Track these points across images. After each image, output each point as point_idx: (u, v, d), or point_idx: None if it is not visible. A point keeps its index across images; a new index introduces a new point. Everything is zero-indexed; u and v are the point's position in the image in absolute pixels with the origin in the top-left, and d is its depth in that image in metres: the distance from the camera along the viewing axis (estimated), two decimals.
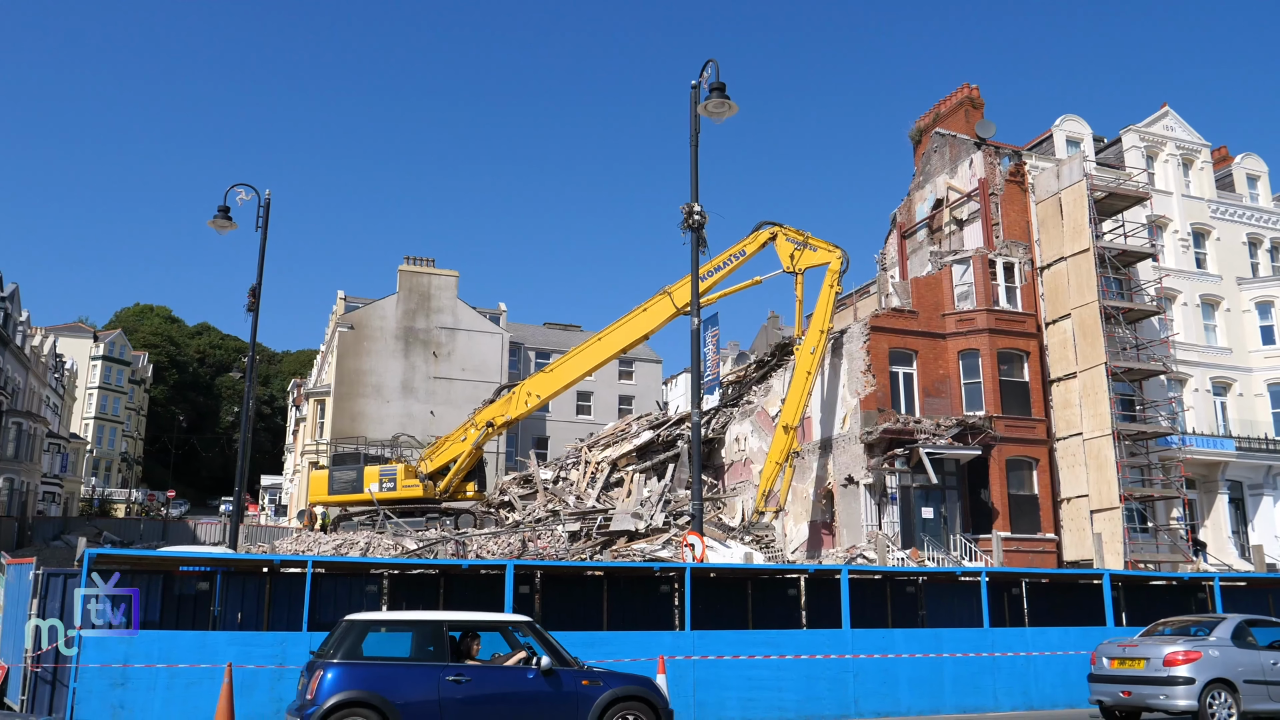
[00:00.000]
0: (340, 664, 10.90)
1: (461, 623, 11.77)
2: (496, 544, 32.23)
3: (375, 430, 55.08)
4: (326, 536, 34.61)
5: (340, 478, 37.27)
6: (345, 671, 10.84)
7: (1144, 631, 16.66)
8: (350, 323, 59.87)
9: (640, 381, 70.81)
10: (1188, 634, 15.72)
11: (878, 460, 31.89)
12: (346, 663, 10.94)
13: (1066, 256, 34.84)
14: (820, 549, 33.35)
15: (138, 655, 13.54)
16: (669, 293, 34.27)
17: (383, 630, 11.55)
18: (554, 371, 36.70)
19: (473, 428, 36.77)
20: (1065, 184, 35.32)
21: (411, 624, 11.55)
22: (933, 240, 39.85)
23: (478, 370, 61.30)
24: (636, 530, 33.07)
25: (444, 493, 36.77)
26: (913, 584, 19.06)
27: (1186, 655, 14.87)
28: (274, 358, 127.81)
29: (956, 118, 39.78)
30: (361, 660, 11.06)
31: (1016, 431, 33.76)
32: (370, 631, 11.38)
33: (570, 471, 40.99)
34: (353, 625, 11.38)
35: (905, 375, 33.77)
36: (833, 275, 33.21)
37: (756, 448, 37.90)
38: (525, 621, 12.14)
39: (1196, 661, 14.81)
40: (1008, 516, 32.69)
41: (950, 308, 34.73)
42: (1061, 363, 34.62)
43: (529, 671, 11.46)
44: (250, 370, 24.96)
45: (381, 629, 11.56)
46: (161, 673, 13.56)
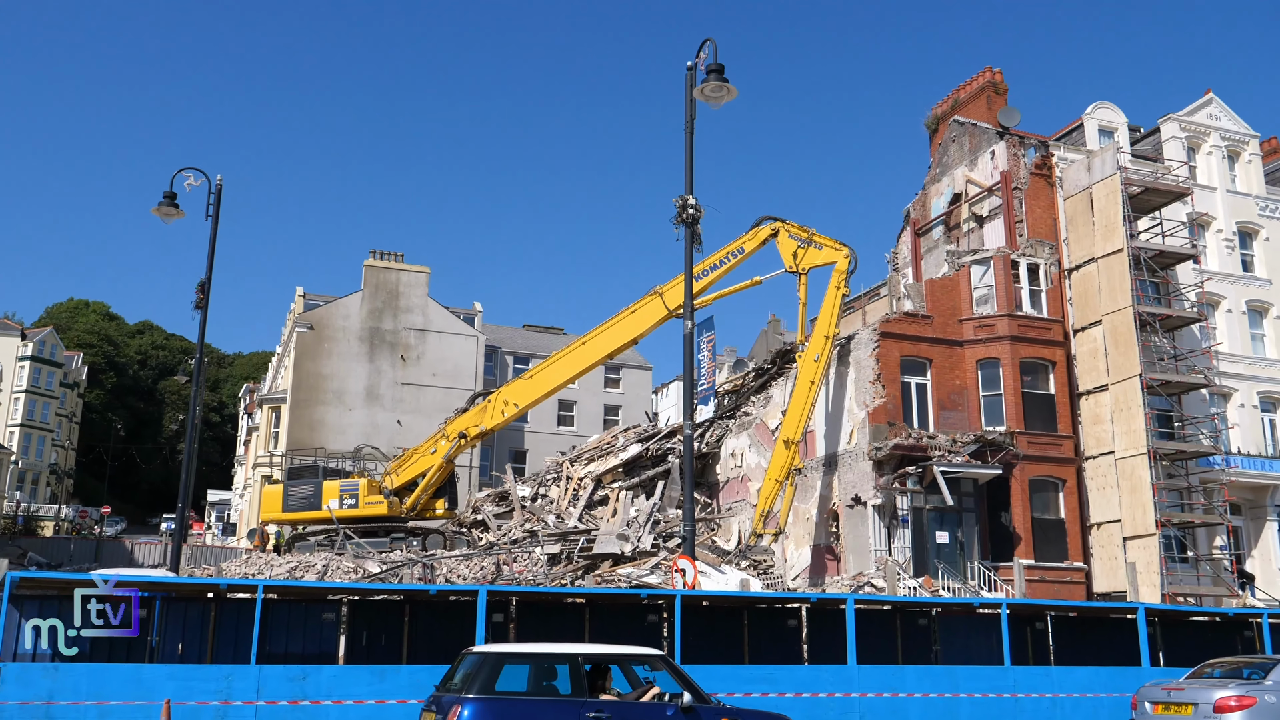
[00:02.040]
0: (478, 699, 11.21)
1: (594, 656, 12.28)
2: (468, 567, 32.13)
3: (336, 441, 54.90)
4: (280, 558, 34.43)
5: (296, 493, 37.10)
6: (484, 707, 11.17)
7: (1191, 673, 16.61)
8: (309, 322, 59.67)
9: (628, 390, 70.70)
10: (1240, 677, 15.64)
11: (887, 479, 31.89)
12: (484, 698, 11.27)
13: (1098, 257, 34.93)
14: (824, 576, 33.32)
15: (64, 691, 13.40)
16: (660, 293, 34.26)
17: (514, 663, 11.97)
18: (533, 378, 36.63)
19: (443, 439, 36.68)
20: (1097, 178, 35.43)
21: (544, 657, 12.07)
22: (949, 238, 39.93)
23: (450, 376, 61.12)
24: (622, 553, 33.02)
25: (411, 511, 36.65)
26: (926, 616, 19.01)
27: (1240, 701, 14.77)
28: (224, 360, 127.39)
29: (977, 104, 39.89)
30: (497, 695, 11.43)
31: (1041, 449, 33.82)
32: (505, 664, 11.79)
33: (550, 488, 40.90)
34: (485, 658, 11.78)
35: (918, 386, 33.80)
36: (839, 276, 33.24)
37: (754, 464, 37.87)
38: (659, 655, 12.68)
39: (1252, 708, 14.70)
40: (1031, 543, 32.72)
41: (968, 312, 34.79)
42: (1091, 374, 34.69)
43: (668, 709, 11.85)
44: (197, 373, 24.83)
45: (513, 662, 11.98)
46: (91, 710, 13.42)
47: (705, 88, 19.29)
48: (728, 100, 19.39)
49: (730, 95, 19.29)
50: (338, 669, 15.03)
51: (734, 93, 19.25)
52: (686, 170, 20.61)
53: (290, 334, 61.99)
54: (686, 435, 20.13)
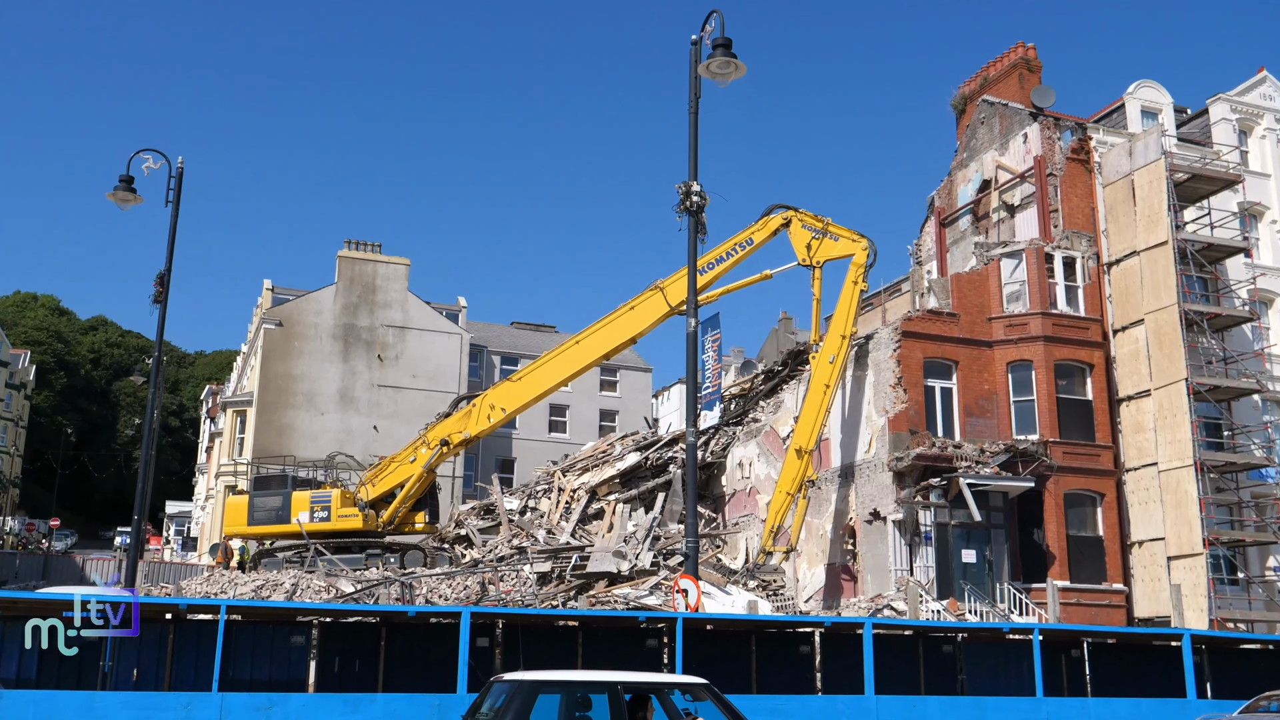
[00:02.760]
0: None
1: (634, 684, 12.47)
2: (450, 587, 32.11)
3: (306, 448, 54.89)
4: (245, 576, 34.44)
5: (262, 505, 37.08)
6: None
7: (1245, 707, 16.64)
8: (278, 318, 59.66)
9: (626, 394, 70.69)
10: None
11: (909, 492, 31.92)
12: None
13: (1140, 251, 34.97)
14: (839, 597, 33.33)
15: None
16: (661, 288, 34.27)
17: (548, 692, 12.14)
18: (523, 380, 36.62)
19: (424, 446, 36.67)
20: (1139, 163, 35.46)
21: (581, 685, 12.30)
22: (978, 229, 39.96)
23: (431, 377, 61.11)
24: (619, 572, 33.02)
25: (388, 525, 36.65)
26: (950, 641, 19.04)
27: None
28: (185, 359, 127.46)
29: (1008, 83, 39.93)
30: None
31: (1077, 460, 33.84)
32: (540, 694, 11.96)
33: (540, 501, 40.88)
34: (518, 687, 11.94)
35: (943, 390, 33.81)
36: (857, 269, 33.24)
37: (764, 475, 37.90)
38: (704, 685, 12.77)
39: None
40: (1066, 562, 32.74)
41: (998, 310, 34.82)
42: (1132, 378, 34.72)
43: None
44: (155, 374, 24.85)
45: (547, 690, 12.14)
46: None
47: (711, 63, 19.29)
48: (736, 77, 19.39)
49: (739, 72, 19.29)
50: (307, 697, 15.04)
51: (742, 69, 19.26)
52: (690, 153, 20.63)
53: (257, 331, 62.00)
54: (689, 443, 20.13)
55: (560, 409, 67.32)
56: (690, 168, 20.59)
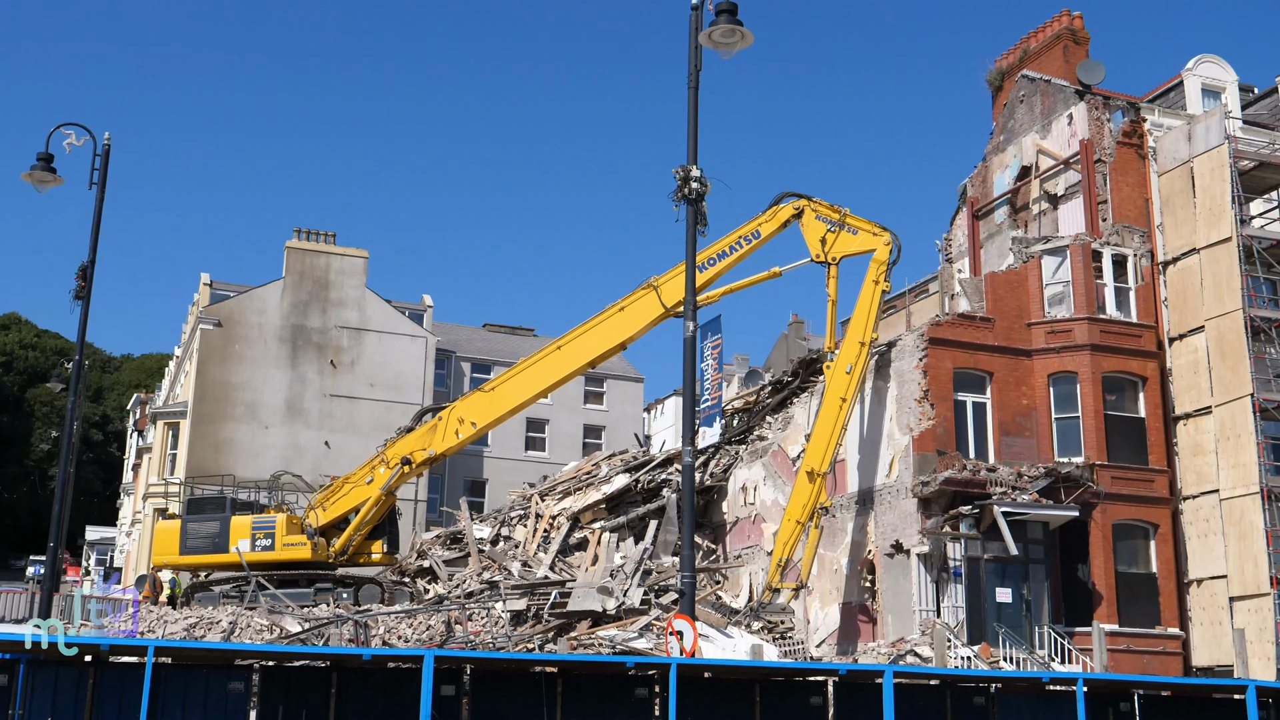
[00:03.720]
0: None
1: None
2: (411, 626, 32.09)
3: (248, 466, 54.77)
4: (176, 613, 34.38)
5: (197, 531, 37.04)
6: None
7: None
8: (216, 317, 59.59)
9: (613, 407, 70.71)
10: None
11: (936, 521, 31.93)
12: None
13: (1200, 248, 35.04)
14: (856, 641, 33.33)
15: None
16: (656, 286, 34.29)
17: None
18: (496, 391, 36.64)
19: (382, 466, 36.64)
20: (1199, 149, 35.56)
21: None
22: (1016, 223, 40.05)
23: (391, 386, 61.08)
24: (604, 611, 33.01)
25: (341, 554, 36.64)
26: (982, 693, 19.05)
27: None
28: (110, 363, 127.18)
29: (1051, 57, 40.04)
30: None
31: (1128, 486, 33.88)
32: None
33: (515, 528, 40.90)
34: None
35: (975, 405, 33.85)
36: (878, 267, 33.28)
37: (771, 500, 37.90)
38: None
39: None
40: (1114, 603, 32.77)
41: (1039, 315, 34.87)
42: (1191, 393, 34.79)
43: None
44: (76, 380, 24.76)
45: None
46: None
47: (713, 31, 19.34)
48: (741, 47, 19.45)
49: (745, 41, 19.35)
50: None
51: (749, 38, 19.31)
52: (689, 133, 20.68)
53: (192, 332, 61.91)
54: (686, 464, 20.12)
55: (539, 424, 67.29)
56: (689, 149, 20.64)
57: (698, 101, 20.71)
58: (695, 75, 20.60)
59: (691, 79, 20.61)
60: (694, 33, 20.38)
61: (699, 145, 20.81)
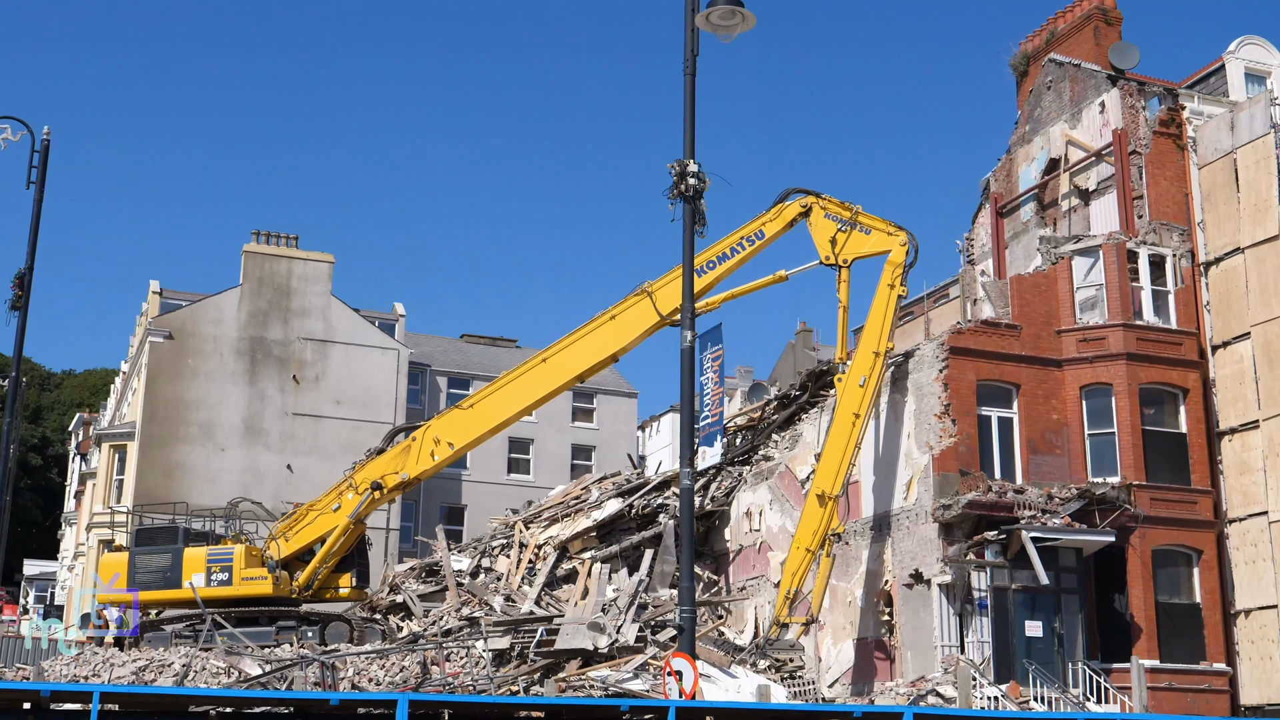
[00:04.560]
0: None
1: None
2: (383, 668, 32.05)
3: (203, 493, 54.70)
4: (124, 655, 34.30)
5: (147, 565, 36.95)
6: None
7: None
8: (167, 329, 59.52)
9: (605, 425, 70.66)
10: None
11: (959, 548, 31.94)
12: None
13: (1244, 247, 35.13)
14: (872, 680, 33.32)
15: None
16: (650, 292, 34.30)
17: None
18: (475, 408, 36.60)
19: (351, 491, 36.60)
20: (1243, 139, 35.66)
21: None
22: (1044, 220, 40.13)
23: (360, 404, 61.03)
24: (595, 649, 32.97)
25: (305, 589, 36.57)
26: None
27: None
28: (49, 380, 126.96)
29: (1081, 39, 40.14)
30: None
31: (1168, 508, 33.92)
32: None
33: (497, 559, 40.86)
34: None
35: (1001, 420, 33.88)
36: (894, 269, 33.32)
37: (777, 527, 37.91)
38: None
39: None
40: (1155, 636, 32.78)
41: (1069, 321, 34.93)
42: (1236, 405, 34.84)
43: None
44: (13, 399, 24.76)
45: None
46: None
47: (711, 13, 19.41)
48: (742, 30, 19.52)
49: (746, 24, 19.42)
50: None
51: (750, 19, 19.38)
52: (686, 124, 20.70)
53: (141, 345, 61.84)
54: (684, 487, 20.13)
55: (522, 444, 67.24)
56: (685, 143, 20.67)
57: (694, 89, 20.73)
58: (692, 61, 20.64)
59: (688, 64, 20.65)
60: (689, 14, 20.43)
61: (697, 137, 20.85)
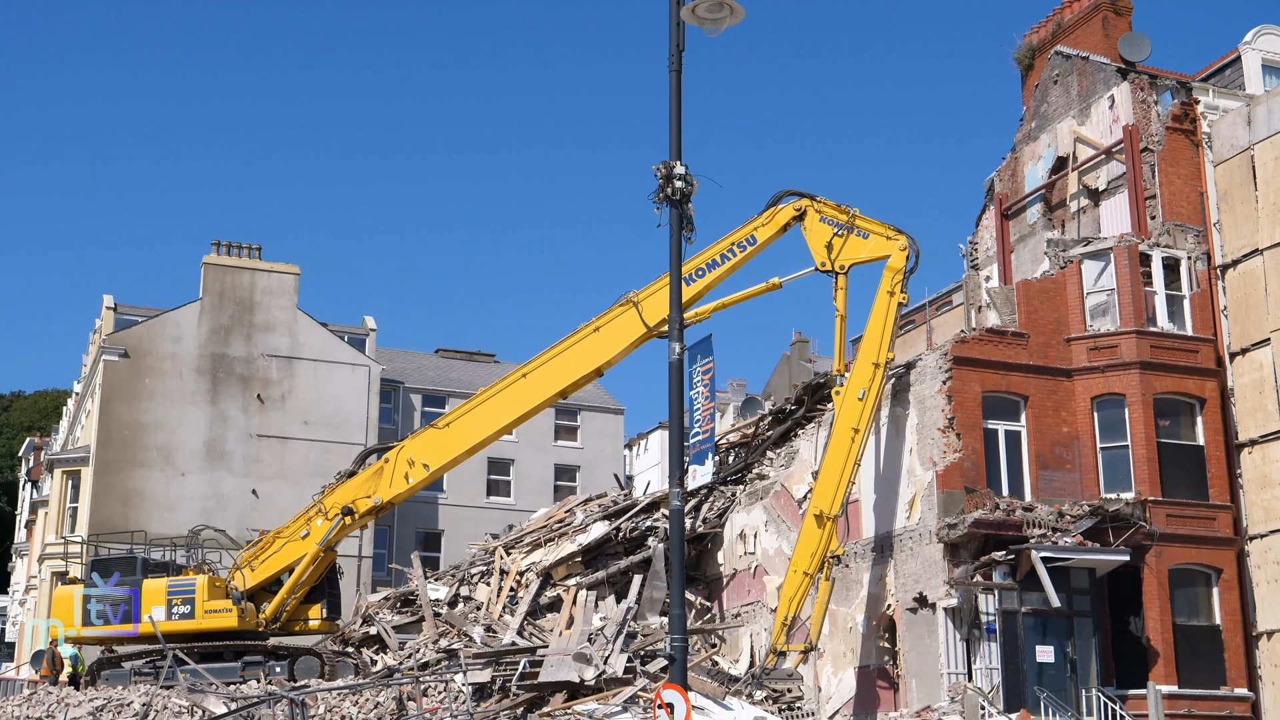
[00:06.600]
0: None
1: None
2: (357, 704, 32.04)
3: (162, 521, 54.60)
4: (80, 694, 34.26)
5: (104, 599, 36.90)
6: None
7: None
8: (123, 347, 59.41)
9: (589, 443, 70.63)
10: None
11: (966, 570, 31.99)
12: None
13: (1263, 249, 35.21)
14: (875, 711, 33.37)
15: None
16: (636, 302, 34.35)
17: None
18: (452, 427, 36.61)
19: (320, 517, 36.58)
20: (1261, 134, 35.76)
21: None
22: (1051, 222, 40.23)
23: (329, 424, 60.95)
24: (582, 681, 33.00)
25: (273, 622, 36.54)
26: None
27: None
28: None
29: (1089, 30, 40.27)
30: None
31: (1186, 525, 33.98)
32: None
33: (477, 587, 40.85)
34: None
35: (1008, 434, 33.96)
36: (894, 276, 33.38)
37: (773, 549, 37.93)
38: None
39: None
40: (1173, 660, 32.82)
41: (1079, 328, 35.01)
42: (1256, 416, 34.91)
43: None
44: None
45: None
46: None
47: (698, 6, 19.41)
48: (731, 24, 19.53)
49: (735, 17, 19.42)
50: None
51: (739, 12, 19.38)
52: (671, 125, 20.71)
53: (95, 364, 61.73)
54: (674, 508, 20.13)
55: (502, 465, 67.21)
56: (672, 143, 20.67)
57: (680, 87, 20.70)
58: (677, 57, 20.61)
59: (673, 61, 20.63)
60: (675, 7, 20.43)
61: (684, 138, 20.87)
